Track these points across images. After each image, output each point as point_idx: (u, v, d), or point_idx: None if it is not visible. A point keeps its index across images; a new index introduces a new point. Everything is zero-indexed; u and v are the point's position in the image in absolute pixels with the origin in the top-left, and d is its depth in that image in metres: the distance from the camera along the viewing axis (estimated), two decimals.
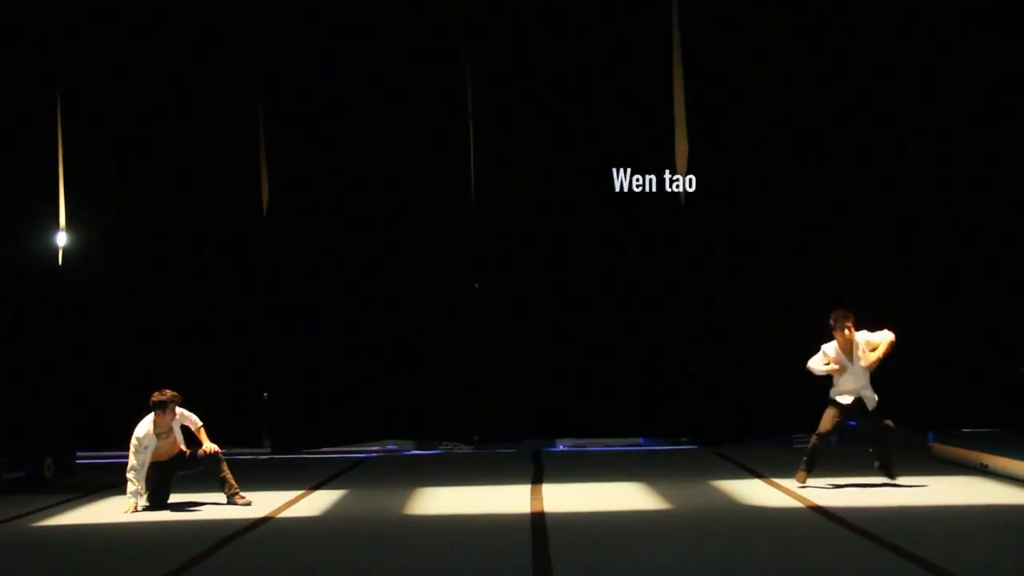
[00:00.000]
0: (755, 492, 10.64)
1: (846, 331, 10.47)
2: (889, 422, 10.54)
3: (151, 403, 10.27)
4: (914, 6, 13.53)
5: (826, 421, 10.57)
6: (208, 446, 10.43)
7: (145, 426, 10.28)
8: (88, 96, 13.88)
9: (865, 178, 13.57)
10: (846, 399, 10.51)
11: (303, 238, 13.92)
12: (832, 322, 10.54)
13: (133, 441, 10.21)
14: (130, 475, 10.19)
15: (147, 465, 10.26)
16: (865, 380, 10.50)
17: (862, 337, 10.54)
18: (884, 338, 10.47)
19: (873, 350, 10.46)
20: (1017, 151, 13.49)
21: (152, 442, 10.25)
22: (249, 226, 13.93)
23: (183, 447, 10.54)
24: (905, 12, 13.53)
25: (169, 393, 10.30)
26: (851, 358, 10.48)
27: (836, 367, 10.48)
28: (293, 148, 13.95)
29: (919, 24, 13.50)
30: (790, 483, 10.92)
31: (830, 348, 10.60)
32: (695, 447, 14.04)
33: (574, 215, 13.81)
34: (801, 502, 9.95)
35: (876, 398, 10.50)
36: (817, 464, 10.61)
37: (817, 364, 10.64)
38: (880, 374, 10.65)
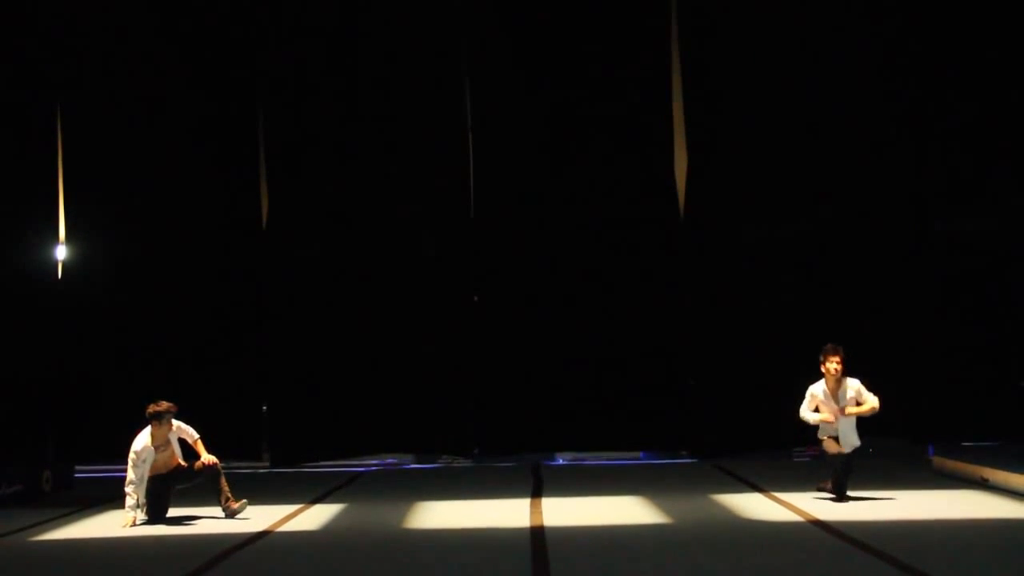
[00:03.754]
0: (755, 506, 10.62)
1: (834, 368, 10.43)
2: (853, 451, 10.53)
3: (147, 415, 10.25)
4: (914, 19, 13.53)
5: (830, 449, 10.58)
6: (207, 458, 10.41)
7: (143, 439, 10.26)
8: (88, 110, 13.89)
9: (865, 189, 13.57)
10: (830, 434, 10.55)
11: (302, 250, 13.92)
12: (821, 357, 10.55)
13: (131, 455, 10.20)
14: (128, 489, 10.17)
15: (146, 479, 10.24)
16: (849, 425, 10.52)
17: (855, 384, 10.52)
18: (871, 402, 10.42)
19: (858, 404, 10.48)
20: (1016, 163, 13.48)
21: (150, 455, 10.23)
22: (248, 238, 13.93)
23: (181, 460, 10.53)
24: (905, 25, 13.54)
25: (165, 404, 10.29)
26: (837, 398, 10.49)
27: (831, 418, 10.43)
28: (293, 161, 13.96)
29: (919, 36, 13.51)
30: (789, 496, 10.92)
31: (818, 389, 10.59)
32: (695, 461, 14.02)
33: (574, 228, 13.81)
34: (801, 516, 9.93)
35: (858, 443, 10.54)
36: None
37: (808, 413, 10.60)
38: (880, 387, 10.64)
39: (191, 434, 10.55)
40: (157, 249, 13.88)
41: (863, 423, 10.62)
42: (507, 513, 10.51)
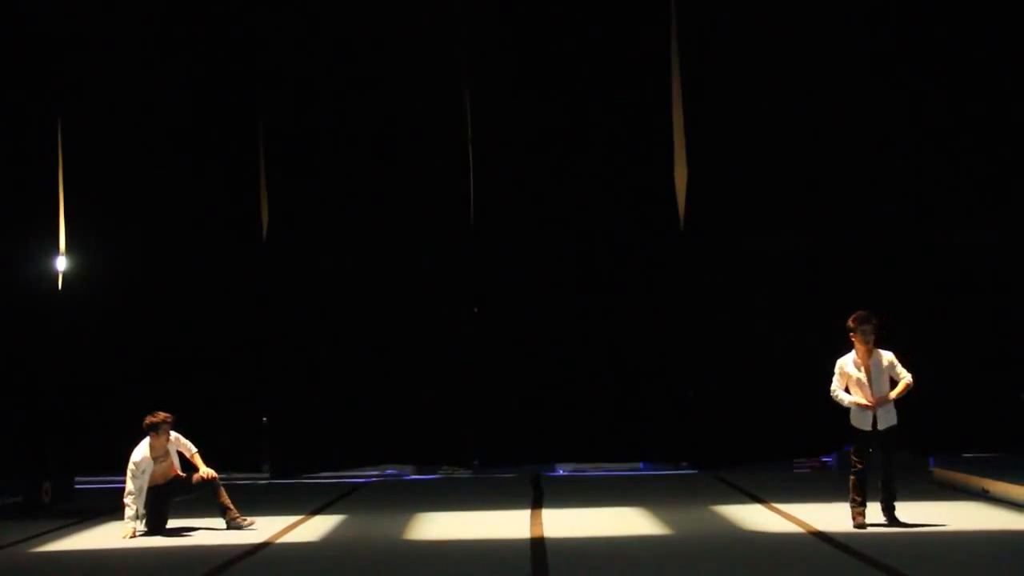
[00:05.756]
0: (755, 517, 10.60)
1: (867, 338, 9.57)
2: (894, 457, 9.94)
3: (144, 426, 10.26)
4: (913, 31, 13.54)
5: (856, 458, 9.83)
6: (205, 471, 10.40)
7: (142, 451, 10.26)
8: (88, 122, 13.89)
9: (865, 200, 13.57)
10: (864, 423, 9.72)
11: (302, 263, 13.92)
12: (852, 324, 9.66)
13: (130, 466, 10.20)
14: (127, 500, 10.16)
15: (145, 490, 10.23)
16: (885, 406, 9.73)
17: (888, 356, 9.72)
18: (905, 379, 9.66)
19: (892, 381, 9.69)
20: (1016, 174, 13.49)
21: (149, 466, 10.23)
22: (249, 249, 13.93)
23: (180, 471, 10.52)
24: (904, 37, 13.56)
25: (162, 415, 10.29)
26: (871, 372, 9.64)
27: (865, 402, 9.62)
28: (293, 173, 13.97)
29: (920, 48, 13.52)
30: (790, 508, 10.90)
31: (848, 363, 9.71)
32: (695, 472, 14.01)
33: (573, 238, 13.82)
34: (801, 527, 9.91)
35: (894, 420, 9.73)
36: (867, 498, 9.83)
37: (842, 393, 9.74)
38: None
39: (189, 447, 10.55)
40: (157, 260, 13.86)
41: None
42: (507, 524, 10.50)
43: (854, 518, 9.76)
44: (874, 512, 9.87)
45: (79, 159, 13.85)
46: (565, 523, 10.47)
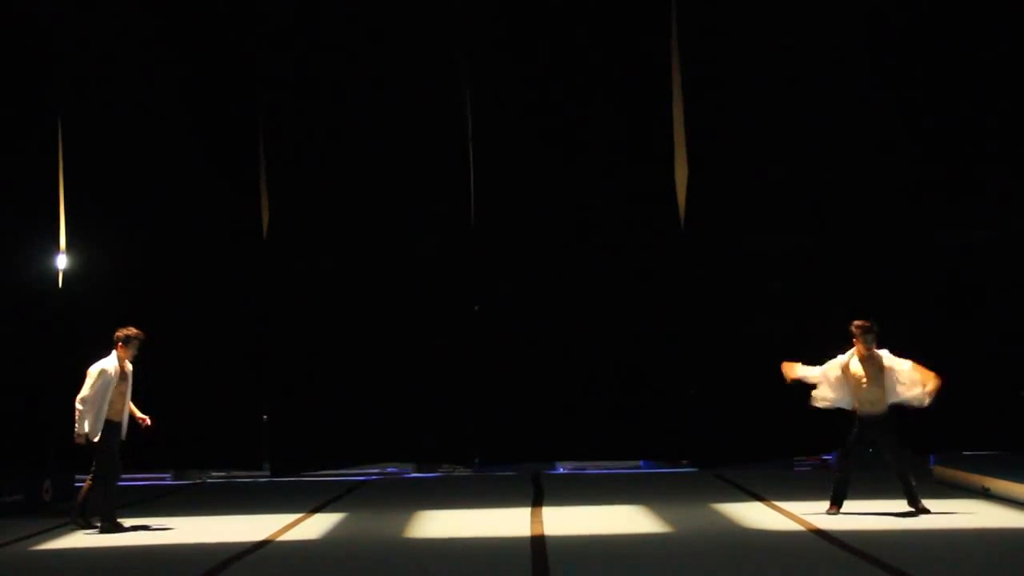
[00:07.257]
0: (756, 515, 10.61)
1: (868, 345, 10.18)
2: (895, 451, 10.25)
3: (116, 337, 10.45)
4: (914, 32, 13.55)
5: (850, 447, 10.37)
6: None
7: (109, 361, 10.38)
8: (88, 120, 13.89)
9: (865, 200, 13.57)
10: (861, 409, 10.25)
11: (303, 262, 13.92)
12: (855, 331, 10.27)
13: (93, 372, 10.31)
14: (80, 405, 10.30)
15: (103, 406, 10.28)
16: (875, 395, 10.25)
17: (885, 356, 10.29)
18: (930, 378, 10.29)
19: (913, 381, 10.25)
20: (1016, 173, 13.49)
21: (111, 379, 10.27)
22: (249, 250, 13.93)
23: (135, 411, 10.50)
24: (904, 37, 13.56)
25: (135, 330, 10.47)
26: (869, 372, 10.20)
27: (855, 403, 10.23)
28: (293, 172, 13.97)
29: (920, 51, 13.52)
30: (791, 506, 10.90)
31: (850, 361, 10.30)
32: (695, 470, 14.01)
33: (574, 237, 13.82)
34: (802, 525, 9.92)
35: (880, 410, 10.25)
36: (845, 496, 10.35)
37: (822, 389, 10.36)
38: None
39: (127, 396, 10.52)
40: (157, 258, 13.86)
41: None
42: (507, 522, 10.51)
43: (829, 509, 10.35)
44: (869, 508, 9.95)
45: (79, 159, 13.84)
46: (565, 521, 10.48)
